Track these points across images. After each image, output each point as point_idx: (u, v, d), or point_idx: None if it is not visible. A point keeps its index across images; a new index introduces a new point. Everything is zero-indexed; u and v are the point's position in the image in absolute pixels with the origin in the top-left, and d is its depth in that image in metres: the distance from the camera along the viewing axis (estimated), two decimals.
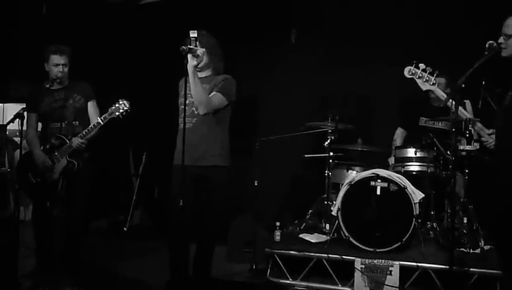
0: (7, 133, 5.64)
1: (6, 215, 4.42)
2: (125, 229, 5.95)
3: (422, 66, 3.43)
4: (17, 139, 5.68)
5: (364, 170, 4.51)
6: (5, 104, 6.42)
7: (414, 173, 4.55)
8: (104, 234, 5.99)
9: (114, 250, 5.37)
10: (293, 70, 5.61)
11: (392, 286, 3.90)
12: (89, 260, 4.38)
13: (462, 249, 4.06)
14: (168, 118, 4.14)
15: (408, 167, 4.58)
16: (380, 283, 3.93)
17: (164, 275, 3.62)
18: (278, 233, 4.50)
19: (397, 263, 3.92)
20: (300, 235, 4.60)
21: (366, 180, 4.24)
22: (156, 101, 5.73)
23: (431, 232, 4.49)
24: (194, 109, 3.53)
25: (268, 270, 4.29)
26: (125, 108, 3.87)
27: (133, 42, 6.13)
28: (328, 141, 4.86)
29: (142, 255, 5.18)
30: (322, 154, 4.91)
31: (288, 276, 4.21)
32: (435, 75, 3.40)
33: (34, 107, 4.05)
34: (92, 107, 4.12)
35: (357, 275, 4.00)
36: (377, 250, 4.08)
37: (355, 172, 4.79)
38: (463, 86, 3.04)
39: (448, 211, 4.51)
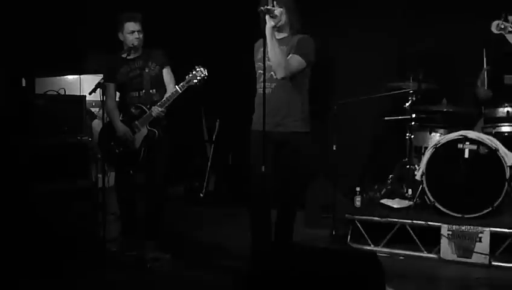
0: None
1: (88, 184, 4.55)
2: (201, 195, 6.02)
3: None
4: (94, 110, 5.83)
5: (448, 132, 4.30)
6: (82, 76, 6.59)
7: (506, 134, 4.26)
8: (181, 200, 6.10)
9: (192, 216, 5.48)
10: (370, 28, 5.34)
11: (482, 253, 3.74)
12: (169, 226, 4.46)
13: None
14: (241, 82, 4.06)
15: (499, 127, 4.28)
16: (469, 250, 3.77)
17: (244, 241, 3.62)
18: (358, 198, 4.40)
19: (487, 229, 3.74)
20: (382, 201, 4.47)
21: (453, 142, 4.03)
22: (229, 66, 5.65)
23: None
24: (273, 73, 3.43)
25: (349, 237, 4.21)
26: (202, 75, 3.82)
27: (205, 4, 6.04)
28: (410, 102, 4.64)
29: (220, 221, 5.25)
30: (403, 116, 4.70)
31: (370, 242, 4.12)
32: None
33: (111, 77, 4.07)
34: (167, 74, 4.10)
35: (444, 241, 3.85)
36: (465, 216, 3.91)
37: (438, 134, 4.56)
38: None
39: None
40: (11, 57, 4.77)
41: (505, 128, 4.27)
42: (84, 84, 6.53)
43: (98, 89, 3.83)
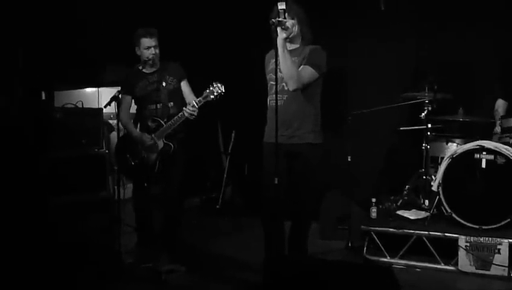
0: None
1: (105, 196, 4.60)
2: (218, 206, 6.04)
3: None
4: (112, 122, 5.89)
5: (465, 142, 4.24)
6: (99, 88, 6.68)
7: None
8: (198, 211, 6.12)
9: (208, 227, 5.49)
10: (384, 39, 5.32)
11: (500, 265, 3.67)
12: (185, 238, 4.48)
13: None
14: (255, 94, 4.08)
15: None
16: (488, 262, 3.70)
17: (259, 252, 3.61)
18: (374, 209, 4.36)
19: (506, 240, 3.68)
20: (398, 212, 4.43)
21: (469, 152, 3.98)
22: (244, 77, 5.68)
23: None
24: (284, 84, 3.43)
25: (365, 248, 4.18)
26: (219, 91, 3.83)
27: (219, 17, 6.10)
28: (425, 112, 4.59)
29: (236, 232, 5.24)
30: (419, 126, 4.65)
31: (386, 254, 4.07)
32: None
33: (129, 90, 4.14)
34: (185, 86, 4.16)
35: (462, 253, 3.79)
36: (483, 227, 3.85)
37: (455, 144, 4.50)
38: None
39: None
40: (31, 70, 4.85)
41: None
42: (102, 97, 6.60)
43: (114, 102, 3.89)
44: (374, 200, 4.38)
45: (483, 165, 3.93)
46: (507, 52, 4.78)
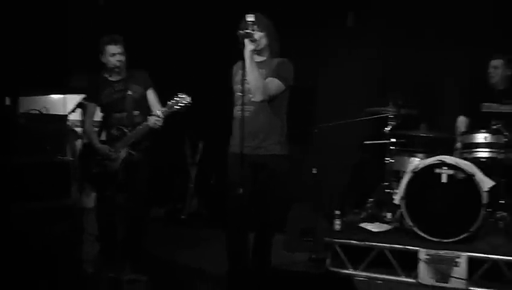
0: (69, 123, 5.79)
1: (69, 203, 4.52)
2: (183, 217, 6.00)
3: None
4: (78, 129, 5.81)
5: (427, 157, 4.32)
6: (66, 95, 6.59)
7: (483, 159, 4.30)
8: (162, 222, 6.07)
9: (172, 238, 5.44)
10: (351, 54, 5.44)
11: (459, 279, 3.73)
12: (149, 248, 4.43)
13: None
14: (223, 105, 4.10)
15: (476, 153, 4.32)
16: (446, 275, 3.77)
17: (223, 264, 3.60)
18: (337, 222, 4.40)
19: (465, 254, 3.75)
20: (361, 225, 4.48)
21: (431, 167, 4.06)
22: (211, 88, 5.70)
23: (501, 222, 4.25)
24: (251, 96, 3.45)
25: (328, 260, 4.20)
26: (185, 102, 3.83)
27: (187, 27, 6.11)
28: (390, 126, 4.69)
29: (200, 243, 5.21)
30: (383, 141, 4.75)
31: (348, 266, 4.11)
32: None
33: (94, 98, 4.10)
34: (151, 95, 4.14)
35: (422, 266, 3.85)
36: (443, 240, 3.92)
37: (418, 159, 4.59)
38: None
39: None
40: None
41: (482, 154, 4.31)
42: (69, 104, 6.51)
43: (79, 109, 3.84)
44: (338, 212, 4.41)
45: (444, 179, 4.00)
46: (469, 70, 4.95)
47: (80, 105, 3.87)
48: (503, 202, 4.30)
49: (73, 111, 3.90)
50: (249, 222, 3.49)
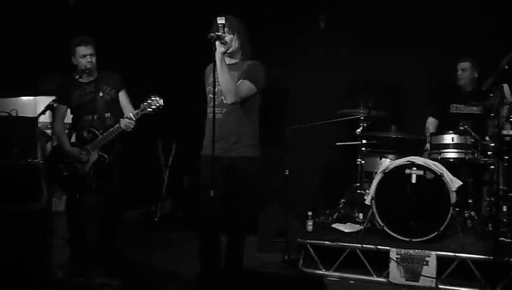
0: (39, 125, 5.70)
1: (39, 207, 4.45)
2: (156, 219, 5.96)
3: None
4: (49, 132, 5.73)
5: (398, 158, 4.41)
6: (37, 97, 6.49)
7: (451, 160, 4.40)
8: (135, 224, 6.02)
9: (145, 240, 5.40)
10: (323, 57, 5.49)
11: (429, 277, 3.80)
12: (121, 251, 4.39)
13: (502, 238, 3.90)
14: (196, 107, 4.09)
15: (445, 154, 4.42)
16: (417, 274, 3.83)
17: (195, 266, 3.59)
18: (310, 223, 4.43)
19: (434, 253, 3.82)
20: (333, 225, 4.54)
21: (401, 168, 4.14)
22: (184, 90, 5.68)
23: (469, 221, 4.35)
24: (223, 98, 3.45)
25: (301, 261, 4.23)
26: (157, 104, 3.82)
27: (158, 30, 6.08)
28: (361, 128, 4.76)
29: (173, 245, 5.18)
30: (355, 142, 4.81)
31: (321, 267, 4.14)
32: None
33: (64, 100, 4.05)
34: (123, 97, 4.12)
35: (392, 265, 3.91)
36: (413, 240, 3.99)
37: (388, 160, 4.68)
38: (506, 67, 2.89)
39: (487, 199, 4.37)
40: None
41: (450, 155, 4.41)
42: (39, 106, 6.42)
43: (48, 110, 3.79)
44: (310, 213, 4.45)
45: (414, 180, 4.08)
46: (437, 74, 5.05)
47: (50, 107, 3.81)
48: (471, 201, 4.40)
49: (43, 113, 3.84)
50: (221, 223, 3.49)
